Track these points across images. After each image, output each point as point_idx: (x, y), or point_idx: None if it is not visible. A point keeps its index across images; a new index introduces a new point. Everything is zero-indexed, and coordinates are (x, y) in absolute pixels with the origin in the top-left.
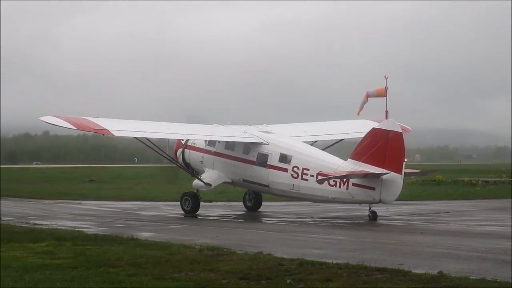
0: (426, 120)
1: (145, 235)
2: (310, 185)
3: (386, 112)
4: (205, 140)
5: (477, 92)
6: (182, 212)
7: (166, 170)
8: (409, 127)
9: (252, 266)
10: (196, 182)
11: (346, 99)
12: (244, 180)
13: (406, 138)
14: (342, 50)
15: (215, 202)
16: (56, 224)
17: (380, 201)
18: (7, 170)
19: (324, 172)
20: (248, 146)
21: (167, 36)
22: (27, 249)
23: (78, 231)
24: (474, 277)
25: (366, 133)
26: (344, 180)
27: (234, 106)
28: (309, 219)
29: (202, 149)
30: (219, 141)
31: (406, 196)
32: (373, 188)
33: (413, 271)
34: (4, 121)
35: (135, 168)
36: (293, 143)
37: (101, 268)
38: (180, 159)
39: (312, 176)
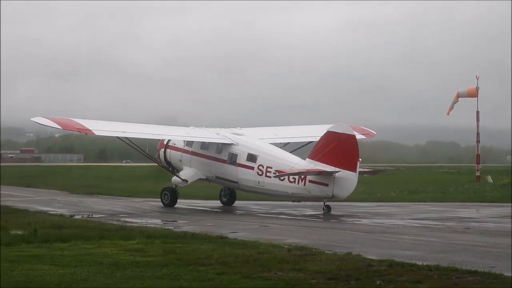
0: None
1: (233, 234)
2: (273, 182)
3: (477, 112)
4: (184, 141)
5: None
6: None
7: None
8: (373, 131)
9: (341, 266)
10: (174, 178)
11: (432, 99)
12: (216, 177)
13: (497, 139)
14: (428, 50)
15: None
16: (146, 222)
17: (333, 196)
18: (98, 168)
19: (280, 169)
20: (220, 147)
21: (251, 36)
22: (118, 246)
23: (168, 229)
24: None
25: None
26: (302, 177)
27: (316, 104)
28: (398, 220)
29: (181, 149)
30: (194, 142)
31: (497, 198)
32: (326, 185)
33: (505, 274)
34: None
35: None
36: (260, 144)
37: (191, 266)
38: (162, 158)
39: (274, 173)
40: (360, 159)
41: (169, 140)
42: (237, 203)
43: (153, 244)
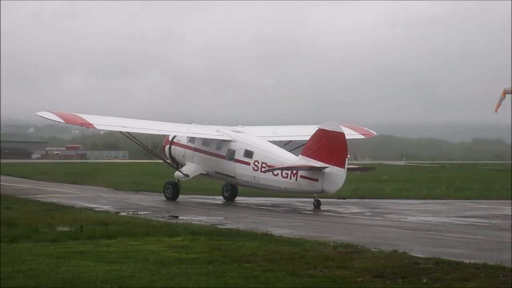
0: None
1: (278, 231)
2: (267, 177)
3: None
4: (187, 138)
5: None
6: (312, 208)
7: None
8: (374, 132)
9: (387, 264)
10: (177, 173)
11: (478, 96)
12: (216, 172)
13: None
14: (473, 45)
15: (343, 199)
16: (191, 218)
17: (322, 191)
18: (141, 164)
19: (272, 164)
20: (220, 143)
21: (291, 33)
22: (163, 243)
23: (213, 226)
24: None
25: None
26: (294, 172)
27: (358, 102)
28: (444, 218)
29: (184, 145)
30: (196, 139)
31: None
32: (316, 180)
33: None
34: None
35: None
36: (257, 141)
37: (236, 263)
38: (167, 154)
39: (265, 167)
40: (348, 156)
41: (174, 137)
42: (281, 200)
43: (198, 241)
